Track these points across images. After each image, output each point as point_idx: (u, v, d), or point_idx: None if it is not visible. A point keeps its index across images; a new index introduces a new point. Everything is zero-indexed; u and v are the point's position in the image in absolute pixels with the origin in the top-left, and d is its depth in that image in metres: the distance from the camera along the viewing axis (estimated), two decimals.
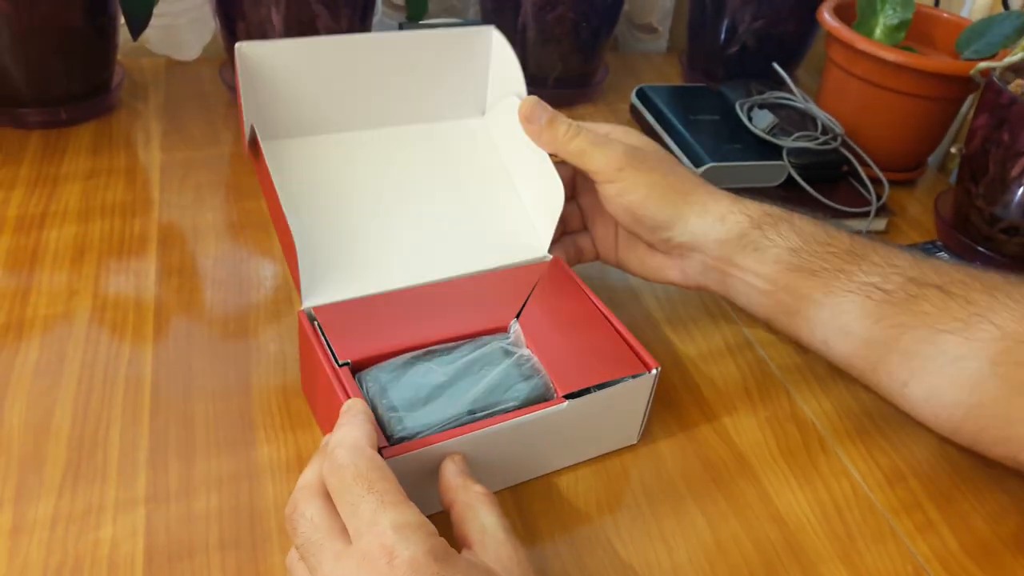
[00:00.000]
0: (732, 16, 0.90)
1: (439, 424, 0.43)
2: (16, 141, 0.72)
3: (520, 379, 0.46)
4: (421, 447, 0.42)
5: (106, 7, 0.73)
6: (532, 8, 0.83)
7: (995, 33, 0.77)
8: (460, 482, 0.40)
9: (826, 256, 0.49)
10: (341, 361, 0.45)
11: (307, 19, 0.74)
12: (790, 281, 0.50)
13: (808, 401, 0.56)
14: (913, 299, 0.46)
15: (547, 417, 0.45)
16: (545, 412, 0.45)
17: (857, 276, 0.48)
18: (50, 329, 0.54)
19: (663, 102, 0.84)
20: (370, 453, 0.37)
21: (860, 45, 0.76)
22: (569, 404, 0.46)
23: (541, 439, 0.47)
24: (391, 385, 0.45)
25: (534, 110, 0.56)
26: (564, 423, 0.46)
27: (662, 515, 0.47)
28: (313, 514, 0.36)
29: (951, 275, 0.47)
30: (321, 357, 0.45)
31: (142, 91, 0.82)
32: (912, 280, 0.47)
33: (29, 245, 0.60)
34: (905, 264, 0.48)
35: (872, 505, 0.50)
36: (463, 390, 0.45)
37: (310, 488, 0.38)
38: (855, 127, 0.80)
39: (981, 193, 0.71)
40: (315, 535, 0.36)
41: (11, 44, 0.69)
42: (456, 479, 0.40)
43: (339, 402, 0.42)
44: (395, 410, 0.43)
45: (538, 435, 0.46)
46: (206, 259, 0.61)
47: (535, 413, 0.45)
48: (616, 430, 0.50)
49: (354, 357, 0.46)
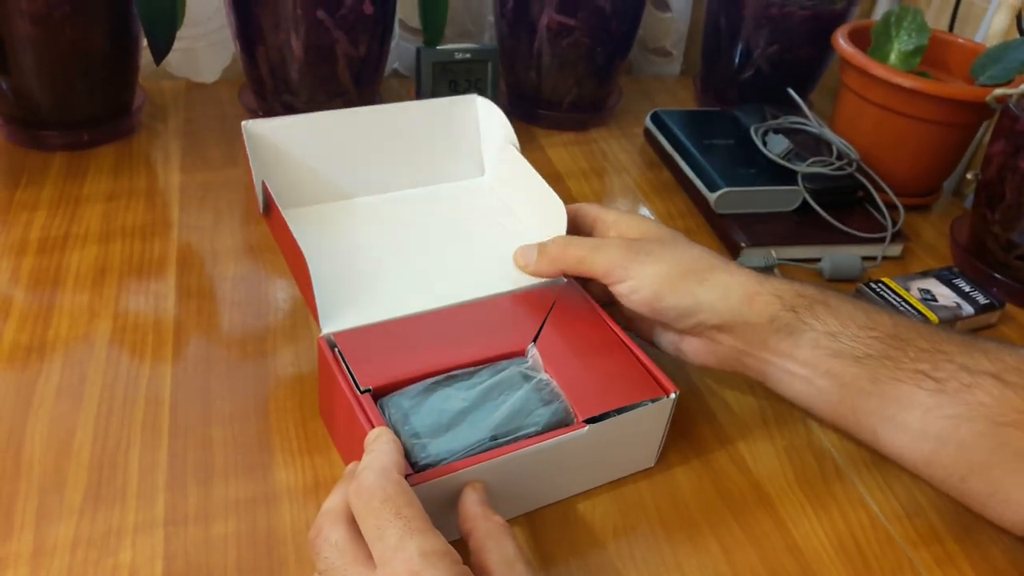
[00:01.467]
0: (747, 41, 0.90)
1: (462, 450, 0.43)
2: (39, 163, 0.73)
3: (540, 404, 0.46)
4: (445, 474, 0.42)
5: (129, 31, 0.74)
6: (547, 33, 0.84)
7: (1011, 59, 0.77)
8: (480, 511, 0.40)
9: (868, 341, 0.46)
10: (363, 388, 0.46)
11: (326, 44, 0.75)
12: (831, 367, 0.46)
13: (825, 429, 0.56)
14: (967, 389, 0.43)
15: (568, 443, 0.45)
16: (566, 438, 0.45)
17: (904, 363, 0.45)
18: (71, 350, 0.54)
19: (677, 126, 0.84)
20: (397, 478, 0.38)
21: (875, 71, 0.77)
22: (590, 429, 0.46)
23: (561, 464, 0.47)
24: (413, 411, 0.45)
25: (524, 252, 0.54)
26: (584, 448, 0.47)
27: (678, 543, 0.47)
28: (338, 539, 0.37)
29: (1004, 361, 0.44)
30: (342, 383, 0.46)
31: (162, 113, 0.83)
32: (965, 368, 0.44)
33: (51, 266, 0.61)
34: (954, 350, 0.45)
35: (890, 536, 0.49)
36: (484, 416, 0.45)
37: (335, 512, 0.38)
38: (870, 152, 0.80)
39: (997, 219, 0.71)
40: (339, 560, 0.36)
41: (35, 67, 0.70)
42: (476, 508, 0.40)
43: (361, 428, 0.43)
44: (418, 436, 0.44)
45: (558, 460, 0.46)
46: (224, 281, 0.62)
47: (556, 439, 0.45)
48: (634, 454, 0.51)
49: (376, 383, 0.46)
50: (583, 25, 0.83)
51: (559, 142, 0.88)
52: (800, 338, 0.47)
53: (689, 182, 0.79)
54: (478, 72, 0.81)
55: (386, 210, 0.62)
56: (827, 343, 0.46)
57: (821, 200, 0.74)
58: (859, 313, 0.47)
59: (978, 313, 0.66)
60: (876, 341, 0.46)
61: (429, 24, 0.80)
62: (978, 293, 0.68)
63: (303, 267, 0.48)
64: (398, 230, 0.60)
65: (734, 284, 0.48)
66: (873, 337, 0.46)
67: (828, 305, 0.47)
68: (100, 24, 0.71)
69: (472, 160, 0.66)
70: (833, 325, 0.47)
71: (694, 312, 0.49)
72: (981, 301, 0.67)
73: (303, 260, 0.48)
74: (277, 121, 0.57)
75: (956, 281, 0.69)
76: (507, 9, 0.86)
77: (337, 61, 0.76)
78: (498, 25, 0.90)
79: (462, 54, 0.80)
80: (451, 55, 0.79)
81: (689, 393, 0.58)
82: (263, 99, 0.81)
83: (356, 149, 0.61)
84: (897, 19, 0.81)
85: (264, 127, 0.57)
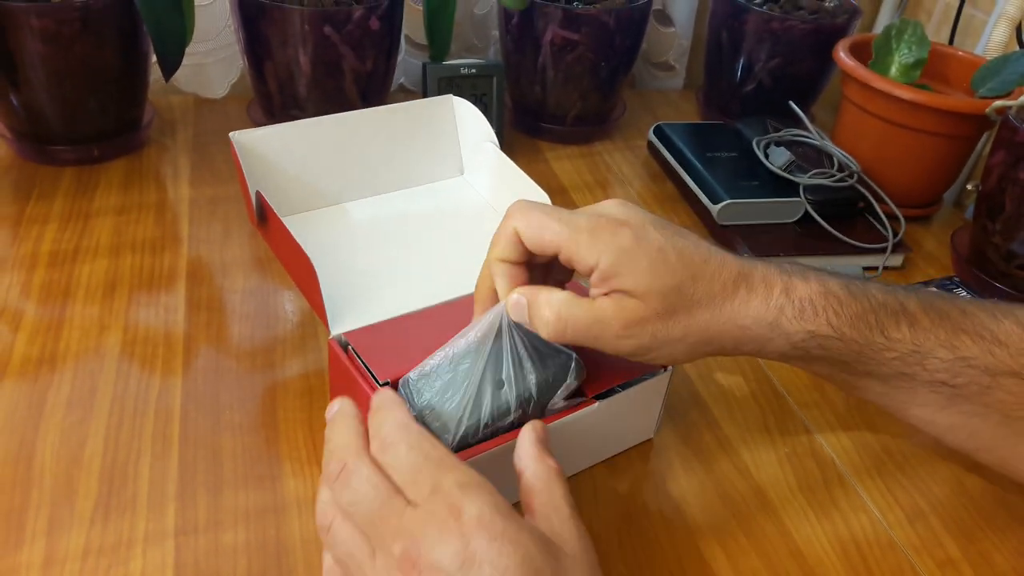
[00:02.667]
0: (748, 54, 0.91)
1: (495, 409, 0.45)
2: (50, 177, 0.74)
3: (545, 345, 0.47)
4: (472, 456, 0.43)
5: (139, 47, 0.75)
6: (552, 48, 0.85)
7: (1010, 71, 0.78)
8: (535, 452, 0.39)
9: (886, 362, 0.45)
10: (382, 381, 0.46)
11: (333, 60, 0.76)
12: (846, 381, 0.47)
13: (827, 436, 0.57)
14: (988, 390, 0.44)
15: (582, 418, 0.48)
16: (580, 414, 0.47)
17: (920, 376, 0.45)
18: (82, 362, 0.55)
19: (680, 139, 0.85)
20: (417, 427, 0.37)
21: (876, 83, 0.77)
22: (600, 404, 0.48)
23: (572, 441, 0.49)
24: (426, 389, 0.45)
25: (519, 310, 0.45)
26: (595, 423, 0.49)
27: (682, 550, 0.48)
28: (369, 473, 0.36)
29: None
30: (360, 380, 0.47)
31: (171, 128, 0.84)
32: (983, 370, 0.44)
33: (62, 280, 0.62)
34: (974, 354, 0.44)
35: (892, 542, 0.50)
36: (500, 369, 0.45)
37: (355, 448, 0.37)
38: (871, 164, 0.80)
39: (998, 230, 0.71)
40: (373, 492, 0.35)
41: (46, 84, 0.71)
42: (533, 448, 0.39)
43: None
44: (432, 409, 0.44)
45: (570, 437, 0.48)
46: (233, 294, 0.63)
47: (571, 416, 0.47)
48: (636, 426, 0.53)
49: (393, 376, 0.47)
50: (587, 40, 0.84)
51: (564, 155, 0.89)
52: (813, 364, 0.46)
53: (692, 194, 0.79)
54: (483, 87, 0.82)
55: (374, 213, 0.63)
56: (838, 373, 0.46)
57: (823, 211, 0.75)
58: (876, 335, 0.44)
59: None
60: (894, 361, 0.44)
61: (435, 40, 0.81)
62: None
63: (308, 272, 0.49)
64: (388, 232, 0.61)
65: (745, 339, 0.44)
66: (891, 358, 0.44)
67: (842, 338, 0.44)
68: (110, 41, 0.72)
69: (452, 160, 0.68)
70: (846, 355, 0.45)
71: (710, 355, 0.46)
72: None
73: (309, 265, 0.49)
74: (264, 131, 0.59)
75: (957, 291, 0.70)
76: (512, 25, 0.87)
77: (344, 76, 0.77)
78: (503, 40, 0.91)
79: (468, 69, 0.81)
80: (457, 70, 0.80)
81: (692, 401, 0.58)
82: (271, 114, 0.82)
83: (341, 154, 0.63)
84: (898, 32, 0.82)
85: (252, 137, 0.58)
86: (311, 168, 0.62)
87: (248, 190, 0.56)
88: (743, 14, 0.89)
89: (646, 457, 0.54)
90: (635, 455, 0.54)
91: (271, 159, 0.59)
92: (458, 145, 0.68)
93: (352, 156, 0.63)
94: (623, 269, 0.42)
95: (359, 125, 0.63)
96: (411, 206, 0.65)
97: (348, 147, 0.63)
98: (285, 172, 0.60)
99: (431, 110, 0.66)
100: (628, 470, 0.53)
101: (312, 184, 0.62)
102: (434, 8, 0.79)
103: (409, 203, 0.65)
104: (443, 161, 0.68)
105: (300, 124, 0.61)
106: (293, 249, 0.51)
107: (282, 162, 0.60)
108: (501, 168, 0.64)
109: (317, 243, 0.54)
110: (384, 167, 0.65)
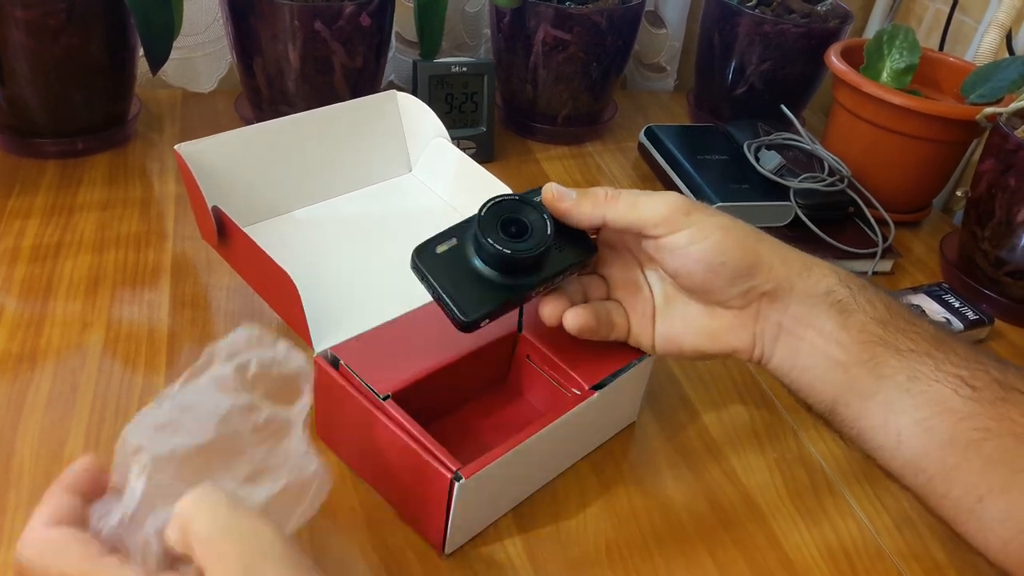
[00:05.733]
0: (740, 57, 0.91)
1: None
2: (33, 171, 0.73)
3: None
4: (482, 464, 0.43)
5: (126, 41, 0.74)
6: (543, 47, 0.84)
7: (1000, 78, 0.78)
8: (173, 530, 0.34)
9: (914, 337, 0.43)
10: (383, 395, 0.45)
11: (323, 55, 0.75)
12: (875, 355, 0.44)
13: (815, 442, 0.57)
14: (1001, 402, 0.41)
15: (579, 413, 0.48)
16: (579, 408, 0.48)
17: (945, 366, 0.43)
18: (63, 359, 0.54)
19: (671, 141, 0.85)
20: (43, 544, 0.34)
21: (867, 88, 0.77)
22: (598, 394, 0.49)
23: (567, 436, 0.49)
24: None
25: (560, 190, 0.47)
26: (591, 413, 0.49)
27: (671, 557, 0.47)
28: None
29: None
30: (359, 397, 0.46)
31: (158, 122, 0.83)
32: (998, 381, 0.42)
33: (44, 275, 0.61)
34: (989, 363, 0.43)
35: (880, 549, 0.50)
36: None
37: None
38: (861, 169, 0.80)
39: (987, 236, 0.71)
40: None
41: (31, 76, 0.70)
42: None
43: (386, 435, 0.44)
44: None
45: (567, 431, 0.48)
46: (219, 291, 0.62)
47: (571, 411, 0.47)
48: (623, 411, 0.54)
49: (393, 389, 0.46)
50: (579, 40, 0.84)
51: (554, 155, 0.89)
52: (850, 318, 0.44)
53: None
54: (474, 86, 0.81)
55: (326, 219, 0.62)
56: (875, 329, 0.44)
57: (813, 216, 0.75)
58: (904, 309, 0.45)
59: (967, 329, 0.67)
60: (921, 339, 0.43)
61: (426, 37, 0.81)
62: (967, 309, 0.68)
63: (285, 289, 0.48)
64: (347, 237, 0.61)
65: (792, 252, 0.46)
66: (918, 333, 0.44)
67: (878, 293, 0.45)
68: (96, 33, 0.71)
69: (399, 157, 0.67)
70: (883, 312, 0.44)
71: (754, 272, 0.45)
72: (971, 317, 0.68)
73: (287, 281, 0.48)
74: (208, 141, 0.58)
75: (946, 297, 0.70)
76: (504, 23, 0.86)
77: (334, 72, 0.77)
78: (494, 39, 0.90)
79: (458, 67, 0.80)
80: (447, 68, 0.80)
81: (681, 405, 0.58)
82: (259, 109, 0.81)
83: (286, 160, 0.62)
84: (890, 37, 0.82)
85: (197, 148, 0.57)
86: (257, 177, 0.60)
87: (203, 204, 0.54)
88: (735, 17, 0.89)
89: (635, 464, 0.53)
90: (625, 464, 0.53)
91: (218, 170, 0.58)
92: (404, 142, 0.67)
93: (298, 161, 0.62)
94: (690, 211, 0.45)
95: (303, 127, 0.62)
96: (363, 208, 0.63)
97: (293, 152, 0.62)
98: (233, 183, 0.58)
99: (376, 107, 0.66)
100: (617, 477, 0.52)
101: (260, 193, 0.60)
102: (425, 5, 0.79)
103: (361, 205, 0.64)
104: (390, 159, 0.67)
105: (244, 132, 0.60)
106: (264, 265, 0.49)
107: (229, 173, 0.59)
108: (458, 165, 0.63)
109: (276, 256, 0.50)
110: (330, 170, 0.64)
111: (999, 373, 0.42)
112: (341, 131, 0.64)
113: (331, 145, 0.64)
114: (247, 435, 0.37)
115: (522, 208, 0.46)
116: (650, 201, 0.46)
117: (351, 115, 0.64)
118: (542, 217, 0.46)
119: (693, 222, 0.45)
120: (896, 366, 0.43)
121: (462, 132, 0.82)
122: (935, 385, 0.42)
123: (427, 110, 0.65)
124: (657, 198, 0.46)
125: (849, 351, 0.44)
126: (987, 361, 0.43)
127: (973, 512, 0.41)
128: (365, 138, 0.65)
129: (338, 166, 0.64)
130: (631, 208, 0.46)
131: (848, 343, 0.44)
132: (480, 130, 0.83)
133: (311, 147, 0.63)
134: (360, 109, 0.65)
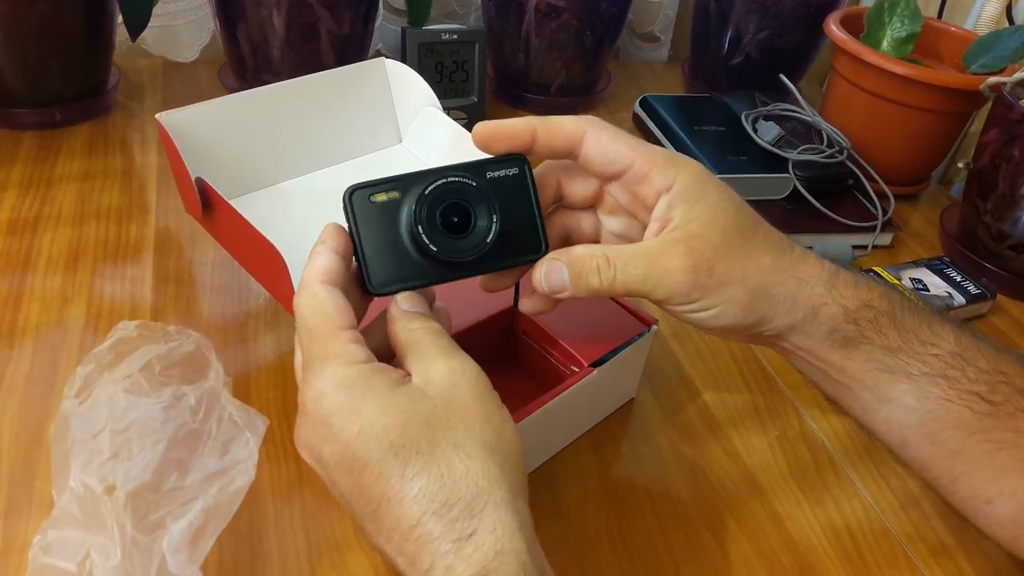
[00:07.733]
0: (736, 26, 0.89)
1: None
2: (9, 142, 0.70)
3: None
4: None
5: (104, 7, 0.71)
6: (536, 15, 0.82)
7: (1003, 47, 0.77)
8: (395, 324, 0.39)
9: (927, 359, 0.42)
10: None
11: (309, 22, 0.73)
12: (879, 382, 0.43)
13: (818, 420, 0.55)
14: (1021, 413, 0.40)
15: (579, 389, 0.47)
16: (579, 384, 0.47)
17: (961, 383, 0.41)
18: (43, 337, 0.52)
19: (667, 112, 0.83)
20: (306, 296, 0.37)
21: (867, 57, 0.76)
22: (598, 371, 0.48)
23: (566, 414, 0.48)
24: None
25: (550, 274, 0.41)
26: (590, 391, 0.48)
27: (672, 536, 0.46)
28: None
29: None
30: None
31: (138, 92, 0.80)
32: (1020, 391, 0.41)
33: (22, 249, 0.59)
34: (1013, 371, 0.41)
35: (885, 529, 0.49)
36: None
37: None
38: (861, 140, 0.79)
39: (989, 209, 0.70)
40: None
41: (6, 44, 0.67)
42: (393, 324, 0.39)
43: None
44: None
45: (565, 409, 0.47)
46: (203, 266, 0.60)
47: (570, 389, 0.46)
48: (622, 388, 0.54)
49: None
50: (572, 7, 0.81)
51: None
52: (855, 351, 0.43)
53: None
54: (465, 54, 0.79)
55: (314, 191, 0.61)
56: (882, 358, 0.42)
57: (812, 188, 0.73)
58: (923, 327, 0.43)
59: (969, 303, 0.66)
60: (936, 359, 0.42)
61: (415, 3, 0.78)
62: (969, 283, 0.67)
63: (273, 262, 0.47)
64: (335, 209, 0.57)
65: (802, 296, 0.42)
66: (933, 355, 0.42)
67: (893, 318, 0.43)
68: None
69: (389, 128, 0.65)
70: (894, 340, 0.42)
71: (757, 325, 0.43)
72: (972, 291, 0.66)
73: (274, 253, 0.46)
74: (191, 109, 0.56)
75: (947, 271, 0.69)
76: None
77: (320, 39, 0.74)
78: (485, 6, 0.88)
79: (448, 35, 0.78)
80: (437, 36, 0.77)
81: (680, 382, 0.57)
82: (243, 78, 0.78)
83: (273, 130, 0.60)
84: (890, 5, 0.80)
85: (180, 116, 0.55)
86: (242, 147, 0.58)
87: (187, 176, 0.52)
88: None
89: (634, 442, 0.52)
90: (624, 442, 0.52)
91: (201, 140, 0.56)
92: (394, 111, 0.64)
93: (284, 131, 0.60)
94: (695, 195, 0.41)
95: (289, 96, 0.60)
96: (352, 180, 0.61)
97: (279, 122, 0.60)
98: (216, 154, 0.56)
99: (364, 75, 0.63)
100: (617, 455, 0.51)
101: (245, 165, 0.59)
102: None
103: (350, 177, 0.61)
104: (380, 129, 0.64)
105: (227, 100, 0.58)
106: (250, 238, 0.48)
107: (213, 143, 0.56)
108: (450, 135, 0.60)
109: (263, 229, 0.48)
110: (319, 140, 0.62)
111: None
112: (328, 100, 0.62)
113: (318, 115, 0.62)
114: (191, 420, 0.40)
115: (474, 196, 0.40)
116: (651, 283, 0.40)
117: (338, 83, 0.62)
118: (489, 215, 0.40)
119: (709, 304, 0.41)
120: (905, 389, 0.42)
121: (453, 103, 0.79)
122: (946, 404, 0.41)
123: (417, 78, 0.63)
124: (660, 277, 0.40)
125: (853, 378, 0.43)
126: (1011, 371, 0.41)
127: (981, 510, 0.41)
128: (353, 107, 0.63)
129: (326, 136, 0.62)
130: (641, 281, 0.41)
131: (853, 371, 0.43)
132: (471, 100, 0.80)
133: (297, 117, 0.61)
134: (348, 77, 0.63)
